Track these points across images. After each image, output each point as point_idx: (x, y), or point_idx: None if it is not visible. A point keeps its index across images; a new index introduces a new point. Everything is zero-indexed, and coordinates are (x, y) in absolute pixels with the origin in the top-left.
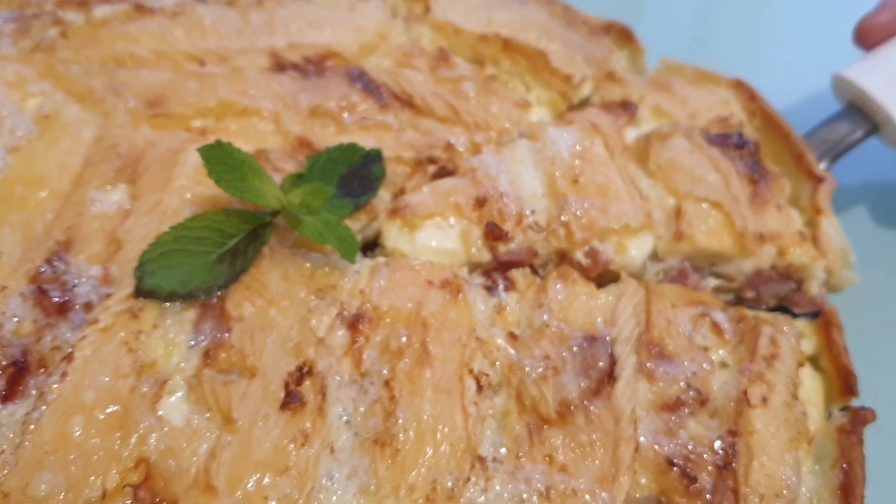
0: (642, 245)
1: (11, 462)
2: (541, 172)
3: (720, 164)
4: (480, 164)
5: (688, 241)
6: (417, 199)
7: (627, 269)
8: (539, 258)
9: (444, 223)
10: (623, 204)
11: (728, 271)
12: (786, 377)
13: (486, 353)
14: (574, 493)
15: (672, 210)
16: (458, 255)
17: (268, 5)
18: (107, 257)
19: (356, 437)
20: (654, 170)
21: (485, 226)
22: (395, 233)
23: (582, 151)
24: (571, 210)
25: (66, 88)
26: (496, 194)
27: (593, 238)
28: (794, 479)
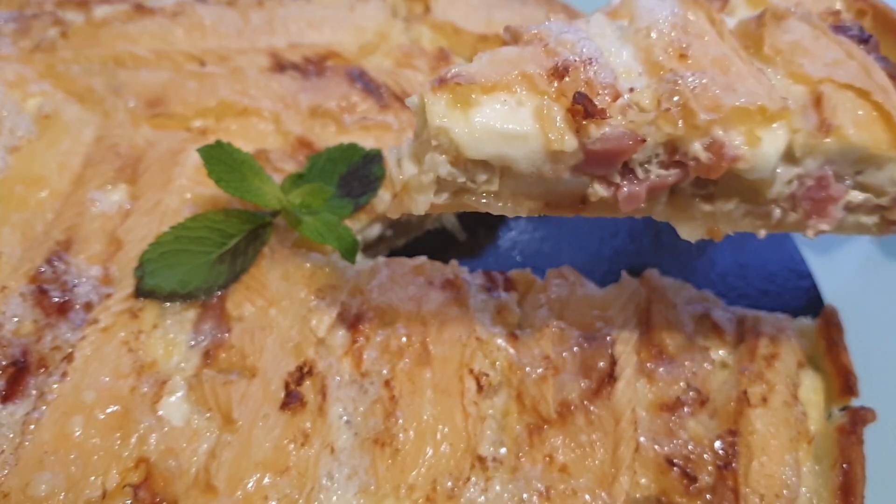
0: (777, 138)
1: (11, 462)
2: (631, 46)
3: (854, 51)
4: (548, 31)
5: (836, 133)
6: (472, 67)
7: (758, 170)
8: (643, 150)
9: (510, 99)
10: (750, 83)
11: (878, 181)
12: (786, 377)
13: (486, 352)
14: (574, 492)
15: (807, 98)
16: (534, 141)
17: (268, 5)
18: (107, 257)
19: (356, 437)
20: (772, 55)
21: (571, 98)
22: (444, 109)
23: (684, 23)
24: (687, 85)
25: (67, 88)
26: (580, 60)
27: (718, 124)
28: (794, 478)
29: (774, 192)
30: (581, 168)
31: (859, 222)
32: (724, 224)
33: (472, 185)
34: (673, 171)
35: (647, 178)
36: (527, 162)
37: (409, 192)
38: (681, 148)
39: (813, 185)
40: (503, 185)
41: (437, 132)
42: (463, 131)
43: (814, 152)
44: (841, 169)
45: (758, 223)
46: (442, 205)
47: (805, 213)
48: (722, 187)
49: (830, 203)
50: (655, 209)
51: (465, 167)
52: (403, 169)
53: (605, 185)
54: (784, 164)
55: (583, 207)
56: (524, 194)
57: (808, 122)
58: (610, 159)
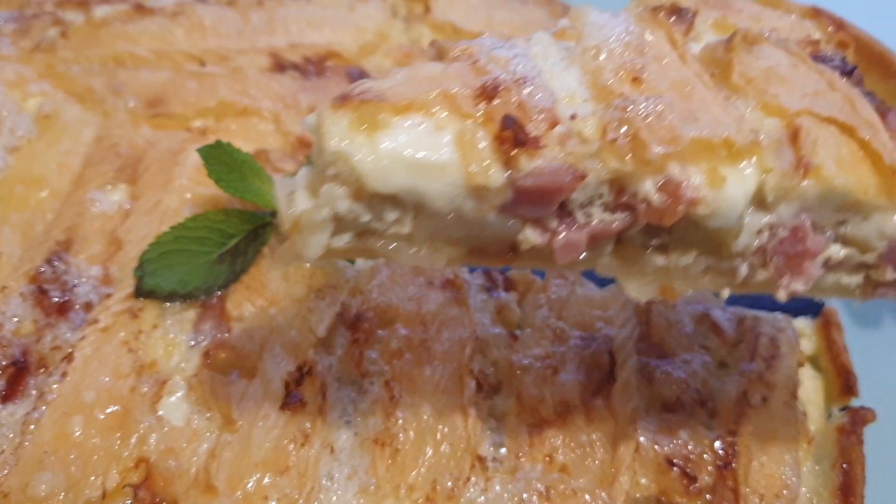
0: (745, 179)
1: (11, 462)
2: (577, 68)
3: (837, 82)
4: (480, 46)
5: (815, 174)
6: (385, 83)
7: (721, 216)
8: (583, 188)
9: (427, 122)
10: (716, 111)
11: (864, 233)
12: (785, 377)
13: (486, 352)
14: (574, 492)
15: (782, 133)
16: (453, 173)
17: (268, 5)
18: (107, 257)
19: (356, 436)
20: (742, 84)
21: (499, 123)
22: (344, 130)
23: (639, 44)
24: (638, 112)
25: (67, 88)
26: (513, 80)
27: (674, 159)
28: (794, 478)
29: (741, 243)
30: (510, 208)
31: (840, 283)
32: (681, 281)
33: (379, 225)
34: (619, 215)
35: (588, 223)
36: (444, 198)
37: (301, 232)
38: (629, 187)
39: (787, 237)
40: (417, 226)
41: (334, 158)
42: (366, 158)
43: (789, 197)
44: (820, 218)
45: (721, 281)
46: (342, 249)
47: (777, 271)
48: (678, 237)
49: (807, 259)
50: (599, 261)
51: (369, 203)
52: (295, 202)
53: (538, 231)
54: (753, 209)
55: (513, 257)
56: (443, 239)
57: (783, 160)
58: (544, 198)
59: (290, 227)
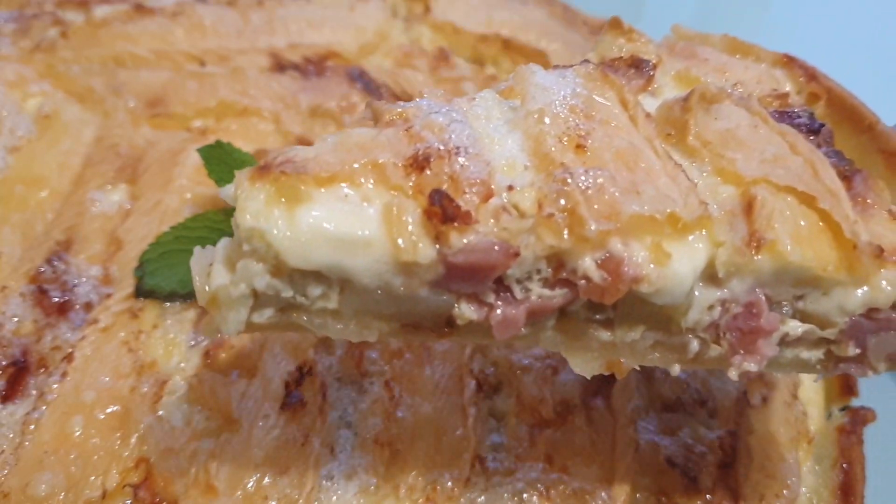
0: (693, 254)
1: (11, 462)
2: (520, 133)
3: (799, 145)
4: (417, 110)
5: (769, 249)
6: (310, 151)
7: (667, 294)
8: (520, 264)
9: (353, 194)
10: (662, 182)
11: (823, 309)
12: (786, 377)
13: (486, 352)
14: (574, 492)
15: (737, 203)
16: (379, 249)
17: (268, 5)
18: (107, 257)
19: (356, 437)
20: (698, 147)
21: (428, 197)
22: (261, 205)
23: (587, 107)
24: (578, 185)
25: (67, 88)
26: (447, 149)
27: (614, 235)
28: (794, 478)
29: (691, 319)
30: (442, 284)
31: (799, 358)
32: (628, 356)
33: (304, 300)
34: (559, 291)
35: (526, 299)
36: (371, 275)
37: (218, 307)
38: (568, 263)
39: (740, 313)
40: (344, 302)
41: (248, 235)
42: (284, 234)
43: (741, 272)
44: (776, 293)
45: (671, 357)
46: (266, 324)
47: (730, 347)
48: (623, 312)
49: (762, 337)
50: (542, 336)
51: (290, 279)
52: (212, 277)
53: (474, 306)
54: (703, 285)
55: (449, 332)
56: (372, 314)
57: (736, 234)
58: (477, 275)
59: (206, 303)
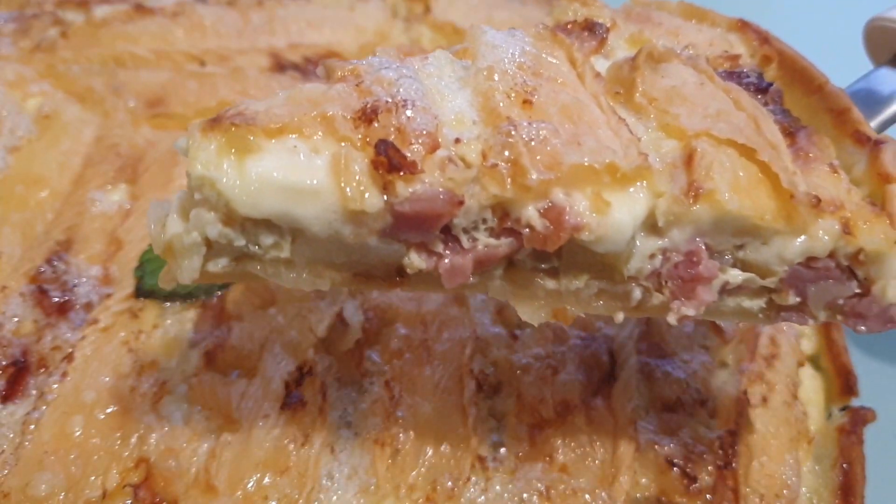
0: (633, 203)
1: (11, 462)
2: (469, 90)
3: (743, 101)
4: (368, 66)
5: (707, 199)
6: (261, 105)
7: (607, 242)
8: (465, 213)
9: (302, 145)
10: (604, 135)
11: (763, 258)
12: (786, 377)
13: (487, 352)
14: (574, 492)
15: (678, 156)
16: (327, 198)
17: (268, 5)
18: (107, 257)
19: (356, 436)
20: (644, 104)
21: (374, 147)
22: (212, 156)
23: (535, 64)
24: (522, 137)
25: (67, 88)
26: (394, 102)
27: (556, 185)
28: (794, 478)
29: (633, 268)
30: (391, 233)
31: (741, 307)
32: (573, 304)
33: (257, 249)
34: (505, 240)
35: (473, 248)
36: (321, 224)
37: (173, 256)
38: (512, 213)
39: (681, 262)
40: (296, 251)
41: (199, 183)
42: (233, 183)
43: (681, 221)
44: (717, 242)
45: (614, 304)
46: (220, 273)
47: (671, 294)
48: (568, 261)
49: (701, 283)
50: (490, 285)
51: (243, 227)
52: (167, 226)
53: (424, 255)
54: (645, 234)
55: (400, 281)
56: (324, 263)
57: (676, 184)
58: (423, 223)
59: (162, 251)
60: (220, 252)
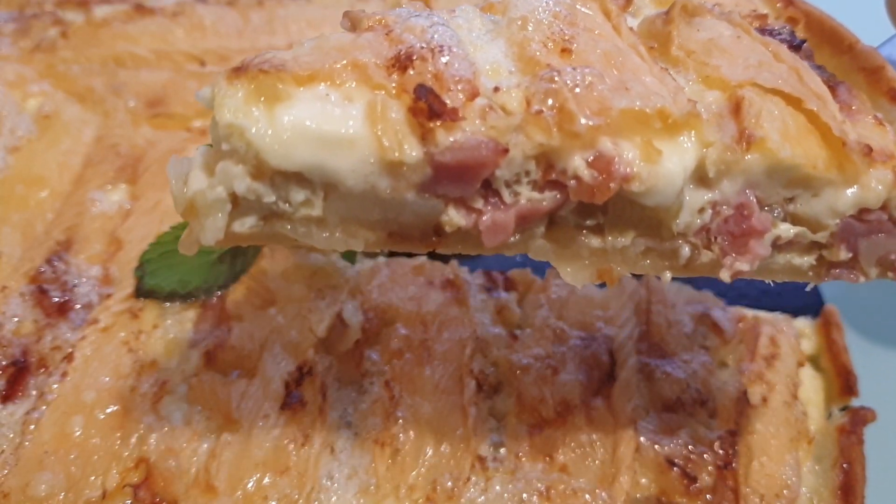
0: (683, 153)
1: (11, 462)
2: (503, 41)
3: (782, 53)
4: (397, 16)
5: (759, 147)
6: (289, 54)
7: (658, 194)
8: (508, 164)
9: (335, 93)
10: (650, 82)
11: (814, 211)
12: (786, 377)
13: (486, 352)
14: (574, 492)
15: (724, 105)
16: (364, 148)
17: (268, 5)
18: (107, 257)
19: (356, 436)
20: (682, 56)
21: (413, 92)
22: (239, 103)
23: (570, 14)
24: (566, 82)
25: (67, 88)
26: (429, 49)
27: (604, 132)
28: (795, 478)
29: (682, 223)
30: (430, 187)
31: (791, 264)
32: (619, 264)
33: (287, 207)
34: (549, 193)
35: (515, 203)
36: (356, 176)
37: (197, 215)
38: (557, 164)
39: (731, 215)
40: (329, 208)
41: (228, 132)
42: (264, 132)
43: (731, 172)
44: (767, 195)
45: (662, 263)
46: (247, 234)
47: (721, 251)
48: (614, 216)
49: (753, 237)
50: (531, 244)
51: (272, 182)
52: (190, 182)
53: (463, 211)
54: (694, 186)
55: (438, 241)
56: (358, 222)
57: (725, 133)
58: (465, 175)
59: (184, 210)
60: (247, 210)
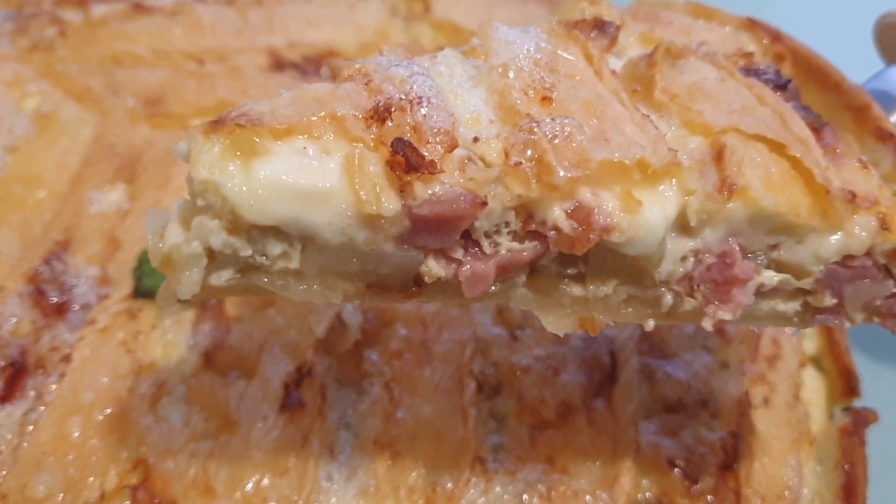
0: (664, 202)
1: (10, 463)
2: (483, 88)
3: (766, 96)
4: (377, 65)
5: (741, 196)
6: (266, 106)
7: (638, 243)
8: (488, 216)
9: (312, 147)
10: (630, 131)
11: (798, 258)
12: (787, 378)
13: (487, 353)
14: (575, 494)
15: (706, 152)
16: (341, 201)
17: (267, 4)
18: (105, 257)
19: (356, 438)
20: (665, 100)
21: (391, 146)
22: (215, 158)
23: (551, 60)
24: (545, 133)
25: (65, 88)
26: (408, 100)
27: (583, 183)
28: (796, 480)
29: (664, 271)
30: (408, 239)
31: (776, 311)
32: (601, 312)
33: (264, 260)
34: (529, 244)
35: (495, 253)
36: (333, 230)
37: (173, 269)
38: (537, 214)
39: (714, 263)
40: (306, 260)
41: (202, 188)
42: (240, 188)
43: (714, 220)
44: (750, 242)
45: (645, 311)
46: (224, 287)
47: (704, 299)
48: (596, 265)
49: (736, 286)
50: (512, 293)
51: (249, 236)
52: (166, 236)
53: (442, 262)
54: (675, 235)
55: (417, 291)
56: (336, 274)
57: (707, 181)
58: (443, 227)
59: (160, 264)
60: (224, 264)
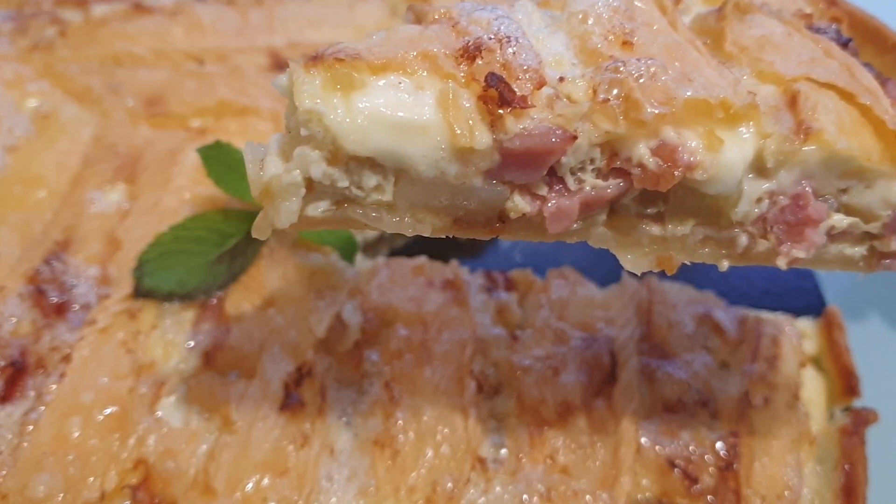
0: (743, 143)
1: (10, 463)
2: (563, 34)
3: (833, 50)
4: (461, 9)
5: (816, 139)
6: (361, 44)
7: (719, 182)
8: (574, 152)
9: (407, 81)
10: (710, 74)
11: (867, 202)
12: (787, 378)
13: (487, 353)
14: (575, 494)
15: (780, 99)
16: (435, 134)
17: (267, 4)
18: (105, 257)
19: (356, 438)
20: (735, 52)
21: (483, 81)
22: (317, 90)
23: (628, 9)
24: (630, 72)
25: (65, 88)
26: (497, 39)
27: (668, 122)
28: (796, 480)
29: (740, 212)
30: (497, 173)
31: (843, 254)
32: (679, 252)
33: (359, 192)
34: (613, 181)
35: (580, 190)
36: (427, 162)
37: (272, 199)
38: (622, 151)
39: (788, 205)
40: (398, 193)
41: (306, 118)
42: (342, 118)
43: (789, 163)
44: (822, 185)
45: (720, 252)
46: (319, 218)
47: (777, 240)
48: (675, 205)
49: (809, 226)
50: (592, 231)
51: (346, 167)
52: (266, 167)
53: (528, 198)
54: (752, 176)
55: (501, 227)
56: (426, 207)
57: (782, 125)
58: (532, 162)
59: (259, 194)
60: (321, 195)
